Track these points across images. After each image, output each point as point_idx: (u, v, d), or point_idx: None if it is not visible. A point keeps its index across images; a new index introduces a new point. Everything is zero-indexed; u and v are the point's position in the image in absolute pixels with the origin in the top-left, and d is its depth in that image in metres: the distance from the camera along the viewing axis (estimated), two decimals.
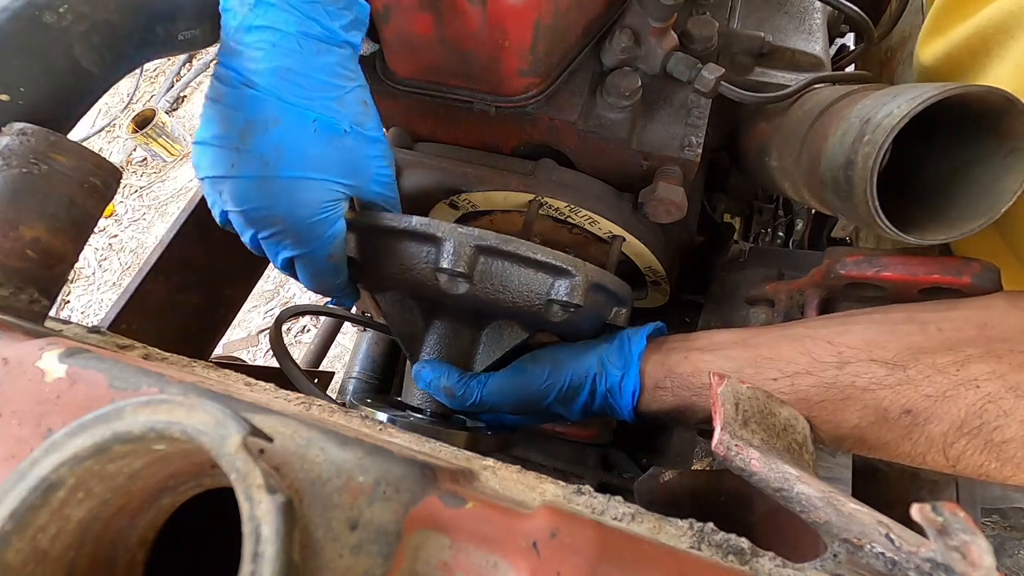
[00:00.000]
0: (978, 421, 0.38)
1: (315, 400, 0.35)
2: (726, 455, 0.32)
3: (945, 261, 0.46)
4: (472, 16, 0.50)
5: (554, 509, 0.24)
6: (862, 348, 0.43)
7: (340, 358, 1.91)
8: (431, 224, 0.48)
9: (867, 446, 0.43)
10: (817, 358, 0.44)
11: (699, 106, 0.59)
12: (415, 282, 0.51)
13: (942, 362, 0.40)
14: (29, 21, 0.37)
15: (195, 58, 2.87)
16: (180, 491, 0.28)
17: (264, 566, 0.20)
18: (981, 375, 0.38)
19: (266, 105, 0.42)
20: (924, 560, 0.24)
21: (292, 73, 0.42)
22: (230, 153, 0.43)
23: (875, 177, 0.42)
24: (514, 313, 0.53)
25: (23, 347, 0.28)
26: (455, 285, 0.49)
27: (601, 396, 0.53)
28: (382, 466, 0.24)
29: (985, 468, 0.39)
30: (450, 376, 0.54)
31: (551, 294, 0.51)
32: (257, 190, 0.44)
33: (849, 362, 0.42)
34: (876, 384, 0.41)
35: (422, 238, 0.49)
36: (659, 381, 0.51)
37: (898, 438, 0.41)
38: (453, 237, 0.48)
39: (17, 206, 0.34)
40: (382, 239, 0.51)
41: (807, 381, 0.43)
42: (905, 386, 0.40)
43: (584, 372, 0.54)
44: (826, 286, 0.53)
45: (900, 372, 0.41)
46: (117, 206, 2.57)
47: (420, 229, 0.48)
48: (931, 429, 0.39)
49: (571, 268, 0.49)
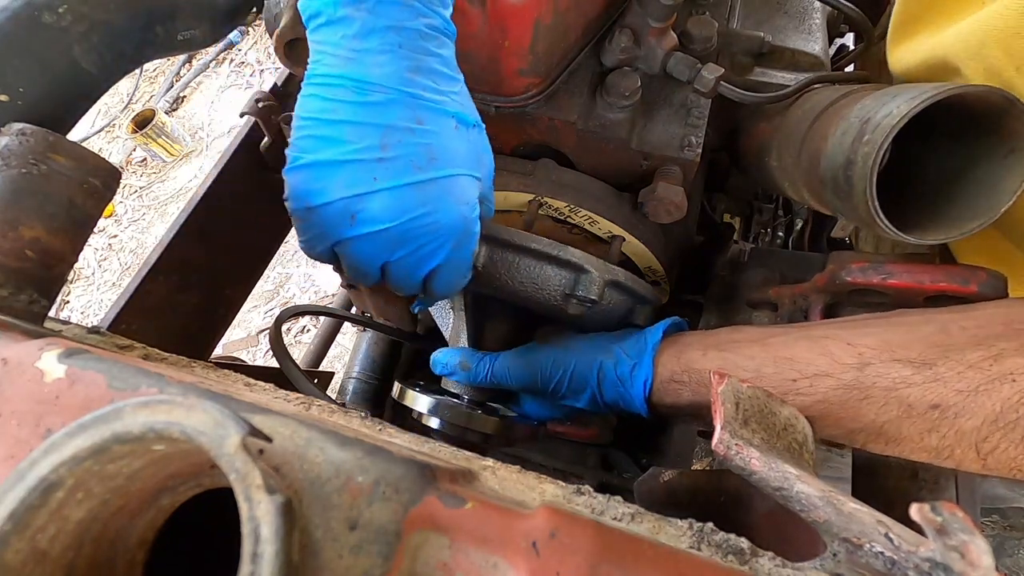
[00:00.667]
0: (1014, 415, 0.37)
1: (315, 400, 0.35)
2: (726, 454, 0.32)
3: (951, 269, 0.46)
4: (472, 16, 0.50)
5: (554, 509, 0.24)
6: (883, 348, 0.42)
7: (340, 358, 1.91)
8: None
9: (884, 440, 0.42)
10: (837, 359, 0.43)
11: (699, 106, 0.59)
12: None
13: (973, 357, 0.39)
14: (28, 21, 0.37)
15: (195, 58, 2.87)
16: (179, 491, 0.28)
17: (263, 566, 0.20)
18: (1017, 368, 0.37)
19: (405, 107, 0.40)
20: (923, 559, 0.24)
21: (422, 70, 0.40)
22: (371, 165, 0.40)
23: (875, 177, 0.42)
24: (534, 304, 0.56)
25: (22, 347, 0.28)
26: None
27: (611, 384, 0.53)
28: (382, 466, 0.24)
29: (1019, 462, 0.38)
30: (464, 353, 0.59)
31: (568, 289, 0.55)
32: (414, 196, 0.41)
33: (870, 363, 0.42)
34: (902, 383, 0.40)
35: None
36: (675, 374, 0.51)
37: (923, 432, 0.40)
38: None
39: (16, 206, 0.34)
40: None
41: (827, 383, 0.43)
42: (934, 383, 0.39)
43: (593, 358, 0.54)
44: (830, 292, 0.53)
45: (927, 370, 0.40)
46: (117, 206, 2.57)
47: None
48: (962, 423, 0.39)
49: (586, 264, 0.53)
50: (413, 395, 0.60)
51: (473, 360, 0.59)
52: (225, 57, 2.86)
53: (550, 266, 0.55)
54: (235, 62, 2.84)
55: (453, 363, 0.59)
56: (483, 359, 0.59)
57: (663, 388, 0.52)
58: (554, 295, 0.56)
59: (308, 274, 2.23)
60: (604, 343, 0.56)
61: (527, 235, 0.54)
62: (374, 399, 0.97)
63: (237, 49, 2.85)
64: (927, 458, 0.41)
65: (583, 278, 0.55)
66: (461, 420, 0.57)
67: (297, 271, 2.24)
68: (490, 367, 0.58)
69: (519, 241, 0.54)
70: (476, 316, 0.64)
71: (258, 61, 2.81)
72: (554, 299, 0.56)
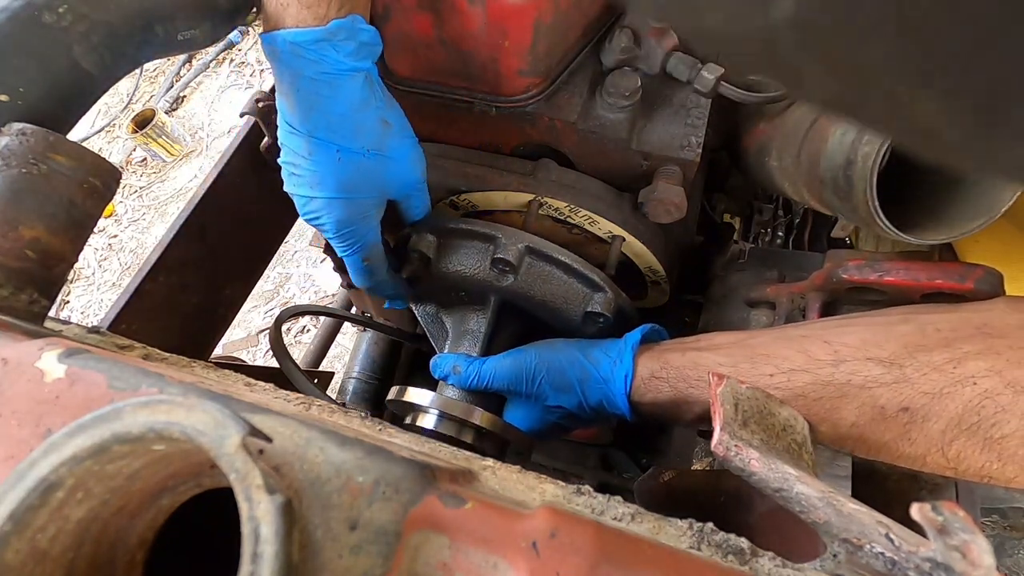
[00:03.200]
0: (975, 417, 0.38)
1: (315, 400, 0.35)
2: (725, 455, 0.32)
3: (947, 266, 0.46)
4: (472, 16, 0.50)
5: (554, 509, 0.24)
6: (858, 347, 0.43)
7: (340, 358, 1.91)
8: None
9: (867, 446, 0.43)
10: (813, 355, 0.44)
11: (699, 106, 0.59)
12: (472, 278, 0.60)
13: (938, 359, 0.40)
14: (28, 21, 0.37)
15: (195, 58, 2.86)
16: (179, 491, 0.28)
17: (263, 566, 0.20)
18: (978, 372, 0.38)
19: (301, 142, 0.51)
20: (924, 560, 0.24)
21: (314, 112, 0.49)
22: (294, 178, 0.55)
23: (875, 177, 0.42)
24: (556, 317, 0.61)
25: (22, 347, 0.28)
26: (503, 277, 0.59)
27: (595, 384, 0.54)
28: (382, 466, 0.24)
29: (987, 469, 0.38)
30: (458, 358, 0.62)
31: (588, 306, 0.60)
32: (312, 207, 0.55)
33: (845, 360, 0.43)
34: (873, 382, 0.41)
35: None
36: (655, 371, 0.52)
37: (897, 437, 0.41)
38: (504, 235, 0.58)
39: (16, 206, 0.34)
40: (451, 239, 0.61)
41: (803, 378, 0.44)
42: (902, 384, 0.40)
43: (576, 356, 0.56)
44: (828, 290, 0.53)
45: (897, 370, 0.41)
46: (117, 206, 2.57)
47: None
48: (929, 427, 0.39)
49: (606, 285, 0.59)
50: (412, 391, 0.60)
51: (464, 363, 0.61)
52: (225, 57, 2.86)
53: (578, 282, 0.60)
54: (235, 62, 2.84)
55: (448, 368, 0.61)
56: (473, 362, 0.61)
57: (644, 385, 0.53)
58: (575, 310, 0.61)
59: (308, 274, 2.23)
60: (586, 345, 0.58)
61: (562, 250, 0.59)
62: (374, 399, 0.97)
63: (237, 49, 2.85)
64: (907, 464, 0.42)
65: (601, 297, 0.60)
66: (457, 411, 0.57)
67: (297, 271, 2.24)
68: (477, 369, 0.60)
69: (558, 255, 0.59)
70: (497, 323, 0.65)
71: (258, 61, 2.81)
72: (575, 314, 0.61)
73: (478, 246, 0.60)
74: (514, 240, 0.58)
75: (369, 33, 0.49)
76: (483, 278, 0.60)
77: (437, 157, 0.65)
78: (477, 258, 0.60)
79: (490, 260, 0.59)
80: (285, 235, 0.87)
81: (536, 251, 0.59)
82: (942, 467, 0.40)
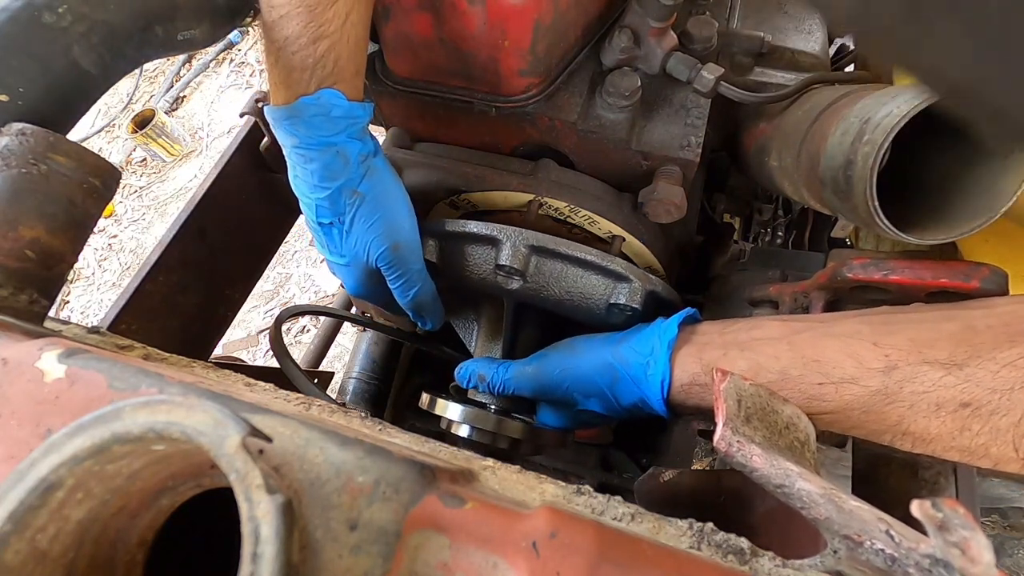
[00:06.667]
0: None
1: (315, 400, 0.35)
2: (728, 451, 0.32)
3: (953, 265, 0.46)
4: (471, 16, 0.50)
5: (554, 509, 0.24)
6: (910, 350, 0.41)
7: (340, 358, 1.91)
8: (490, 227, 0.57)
9: (912, 439, 0.41)
10: (863, 362, 0.42)
11: (699, 106, 0.59)
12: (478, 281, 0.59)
13: (1009, 355, 0.38)
14: (28, 21, 0.37)
15: (195, 58, 2.86)
16: (179, 491, 0.28)
17: (263, 566, 0.20)
18: None
19: (306, 208, 0.56)
20: (924, 556, 0.24)
21: (296, 179, 0.55)
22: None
23: (875, 177, 0.42)
24: (578, 313, 0.59)
25: (22, 347, 0.28)
26: (509, 281, 0.57)
27: (626, 386, 0.51)
28: (382, 466, 0.24)
29: None
30: (481, 364, 0.61)
31: (612, 298, 0.56)
32: (331, 269, 0.63)
33: (897, 366, 0.41)
34: (932, 386, 0.39)
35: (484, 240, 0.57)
36: (696, 376, 0.49)
37: (954, 431, 0.39)
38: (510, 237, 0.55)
39: (16, 206, 0.34)
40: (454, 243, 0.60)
41: (852, 391, 0.42)
42: (966, 384, 0.39)
43: (602, 360, 0.53)
44: (831, 288, 0.53)
45: (958, 371, 0.39)
46: (117, 206, 2.57)
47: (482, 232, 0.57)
48: (997, 421, 0.38)
49: (630, 274, 0.56)
50: (443, 403, 0.60)
51: (489, 371, 0.59)
52: (225, 57, 2.86)
53: (596, 276, 0.57)
54: (235, 62, 2.84)
55: (473, 376, 0.60)
56: (497, 369, 0.59)
57: (685, 391, 0.49)
58: (599, 304, 0.57)
59: (308, 274, 2.23)
60: (612, 343, 0.54)
61: (577, 245, 0.55)
62: (374, 399, 0.97)
63: (237, 49, 2.85)
64: (959, 457, 0.40)
65: (625, 287, 0.56)
66: (489, 425, 0.57)
67: (297, 271, 2.24)
68: (502, 376, 0.58)
69: (568, 251, 0.55)
70: (515, 326, 0.64)
71: (258, 61, 2.81)
72: (598, 308, 0.57)
73: (480, 249, 0.58)
74: (517, 241, 0.55)
75: (342, 108, 0.50)
76: (491, 282, 0.58)
77: (436, 157, 0.65)
78: (481, 262, 0.58)
79: (493, 266, 0.56)
80: (285, 235, 0.87)
81: (543, 249, 0.55)
82: (1008, 459, 0.38)
